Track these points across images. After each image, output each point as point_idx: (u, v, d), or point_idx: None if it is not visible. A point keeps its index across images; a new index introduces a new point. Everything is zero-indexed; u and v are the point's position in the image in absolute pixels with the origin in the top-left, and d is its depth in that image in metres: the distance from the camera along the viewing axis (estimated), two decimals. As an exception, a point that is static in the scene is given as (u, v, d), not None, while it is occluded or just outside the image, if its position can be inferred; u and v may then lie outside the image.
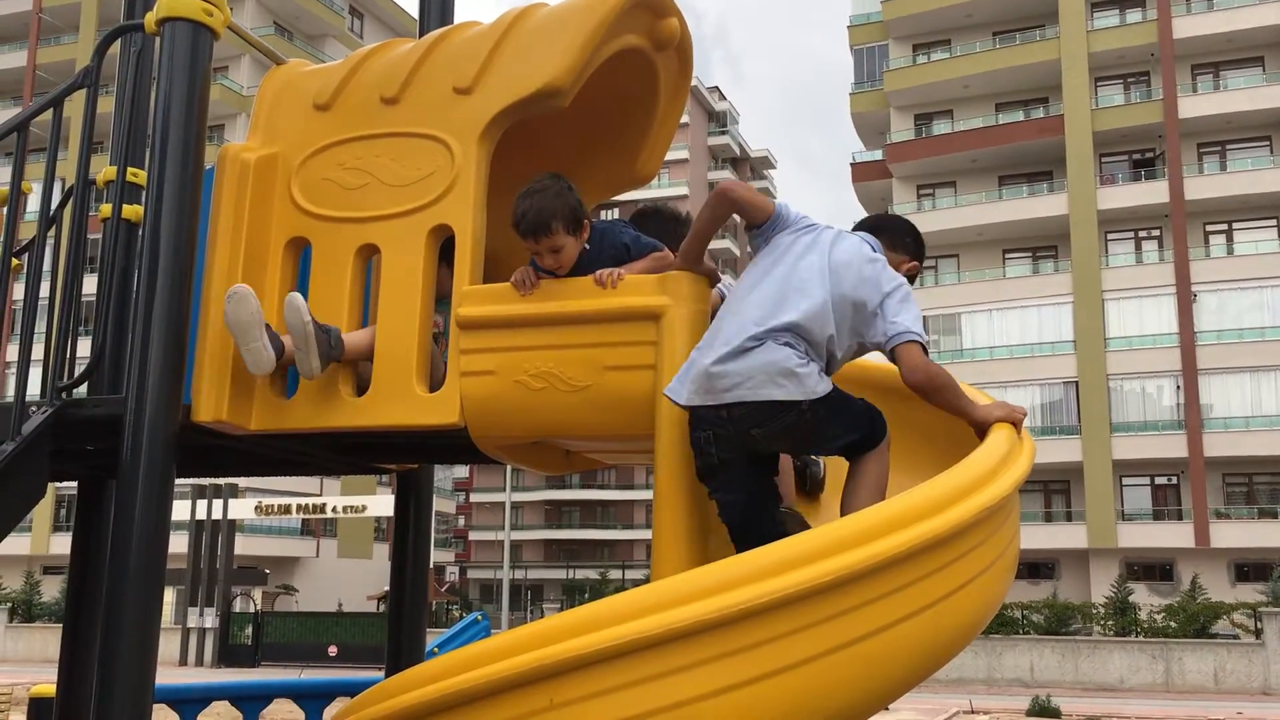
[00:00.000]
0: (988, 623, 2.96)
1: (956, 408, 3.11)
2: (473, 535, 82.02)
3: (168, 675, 3.33)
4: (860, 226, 3.46)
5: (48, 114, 3.56)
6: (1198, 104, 44.13)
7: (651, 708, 2.36)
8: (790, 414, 2.93)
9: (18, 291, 3.46)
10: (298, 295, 3.30)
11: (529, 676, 2.41)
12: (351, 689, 5.65)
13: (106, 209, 3.88)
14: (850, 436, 3.07)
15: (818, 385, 2.95)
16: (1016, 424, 3.10)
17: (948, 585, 2.63)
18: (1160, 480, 43.47)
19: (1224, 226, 44.46)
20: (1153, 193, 44.19)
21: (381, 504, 37.32)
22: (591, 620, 2.44)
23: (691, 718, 2.35)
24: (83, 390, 3.62)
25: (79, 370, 3.60)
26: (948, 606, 2.64)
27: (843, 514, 2.96)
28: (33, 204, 3.46)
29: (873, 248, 3.24)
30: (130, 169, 3.92)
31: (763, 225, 3.24)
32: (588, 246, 3.36)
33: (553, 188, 3.30)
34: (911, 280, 3.33)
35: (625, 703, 2.36)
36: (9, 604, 41.38)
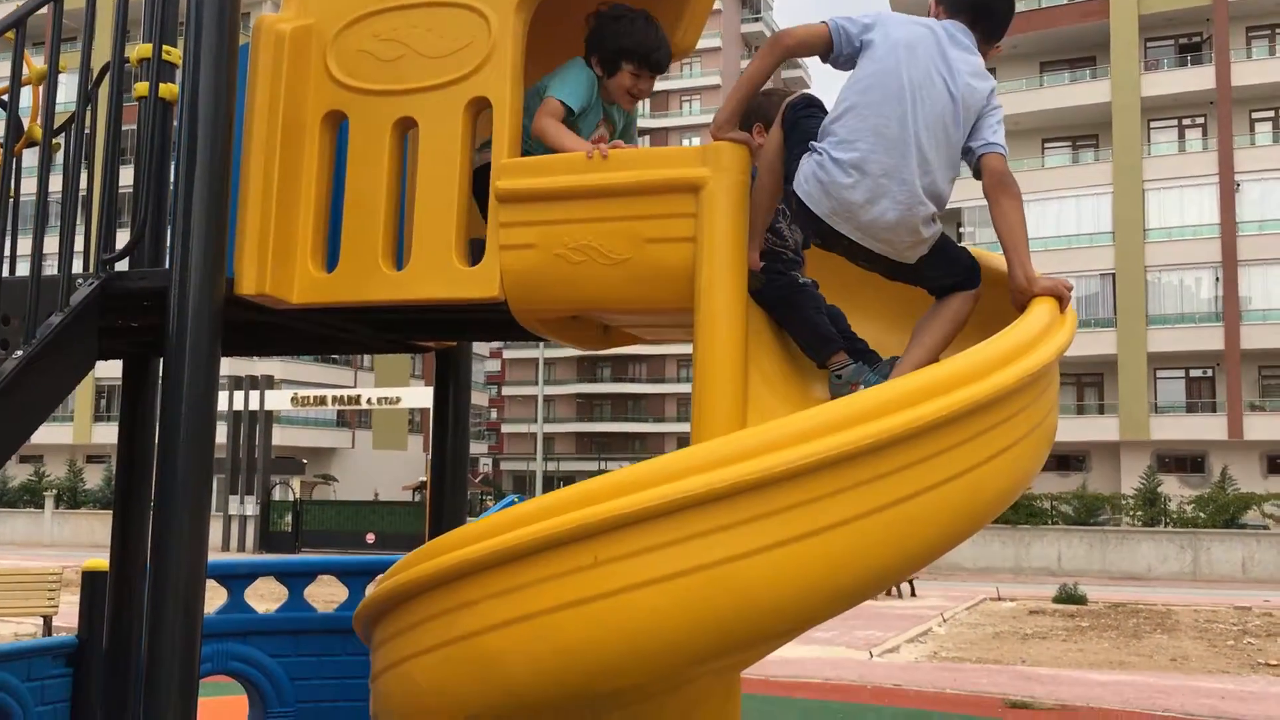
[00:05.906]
0: (1023, 490, 2.97)
1: (1012, 253, 3.05)
2: (505, 428, 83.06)
3: (212, 558, 3.45)
4: (956, 7, 3.20)
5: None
6: (1248, -15, 42.72)
7: (693, 565, 2.41)
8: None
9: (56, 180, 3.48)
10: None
11: (574, 535, 2.46)
12: (394, 565, 5.79)
13: (141, 88, 3.86)
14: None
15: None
16: (1062, 299, 3.06)
17: (986, 451, 2.65)
18: (1195, 373, 43.19)
19: (1271, 113, 43.33)
20: (1198, 78, 43.03)
21: (415, 396, 37.81)
22: (635, 481, 2.48)
23: (732, 575, 2.41)
24: (126, 267, 3.66)
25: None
26: (985, 472, 2.66)
27: (911, 339, 3.05)
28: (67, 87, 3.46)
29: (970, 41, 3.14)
30: (165, 46, 3.89)
31: (835, 51, 3.14)
32: None
33: None
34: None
35: (667, 560, 2.41)
36: (55, 490, 42.57)
